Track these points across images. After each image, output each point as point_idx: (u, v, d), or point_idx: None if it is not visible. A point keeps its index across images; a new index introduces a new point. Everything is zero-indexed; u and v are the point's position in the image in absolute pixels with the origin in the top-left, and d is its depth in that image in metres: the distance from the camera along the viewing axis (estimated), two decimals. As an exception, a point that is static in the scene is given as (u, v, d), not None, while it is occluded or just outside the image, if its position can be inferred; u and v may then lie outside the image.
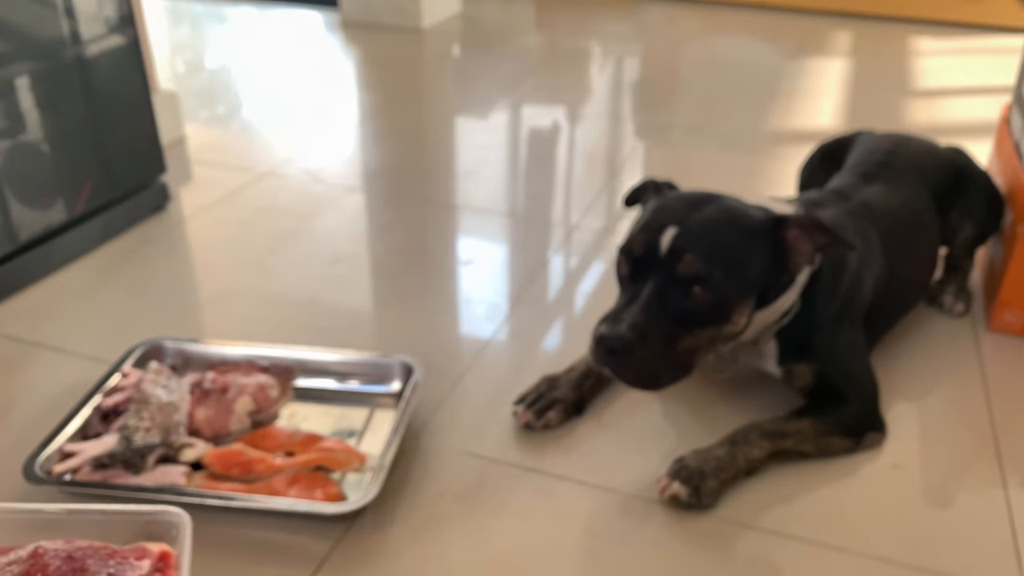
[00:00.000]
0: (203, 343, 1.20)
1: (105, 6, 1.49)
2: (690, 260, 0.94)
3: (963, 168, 1.39)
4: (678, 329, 0.96)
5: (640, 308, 0.95)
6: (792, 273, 1.02)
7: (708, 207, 1.00)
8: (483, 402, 1.17)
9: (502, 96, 2.49)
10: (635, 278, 0.98)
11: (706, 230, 0.97)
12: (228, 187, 1.82)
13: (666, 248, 0.96)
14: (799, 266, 1.01)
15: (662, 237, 0.97)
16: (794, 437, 1.04)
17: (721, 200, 1.02)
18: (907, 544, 0.94)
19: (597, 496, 1.01)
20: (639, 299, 0.96)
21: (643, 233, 0.99)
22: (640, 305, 0.95)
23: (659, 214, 1.00)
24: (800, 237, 0.99)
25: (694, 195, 1.03)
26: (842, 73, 2.78)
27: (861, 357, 1.13)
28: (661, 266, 0.96)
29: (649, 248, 0.97)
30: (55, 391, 1.16)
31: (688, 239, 0.96)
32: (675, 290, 0.96)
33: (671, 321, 0.96)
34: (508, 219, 1.73)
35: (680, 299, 0.96)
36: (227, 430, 1.07)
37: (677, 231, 0.96)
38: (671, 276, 0.95)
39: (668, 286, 0.96)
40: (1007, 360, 1.28)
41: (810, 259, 1.01)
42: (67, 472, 0.99)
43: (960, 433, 1.13)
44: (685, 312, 0.96)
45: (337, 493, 0.97)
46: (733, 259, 0.97)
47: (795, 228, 0.99)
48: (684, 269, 0.95)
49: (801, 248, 1.00)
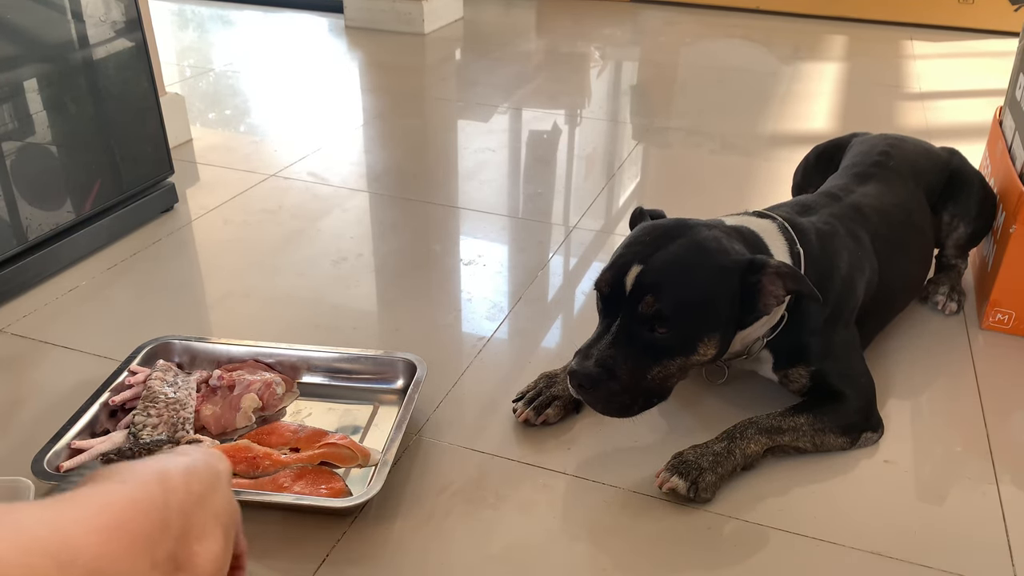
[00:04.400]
0: (209, 341, 1.22)
1: (113, 9, 1.51)
2: (650, 301, 0.97)
3: (957, 169, 1.41)
4: (645, 362, 0.99)
5: (608, 344, 0.99)
6: (760, 314, 1.02)
7: (676, 243, 1.00)
8: (484, 399, 1.19)
9: (503, 99, 2.51)
10: (607, 312, 1.02)
11: (669, 269, 0.99)
12: (234, 189, 1.85)
13: (629, 287, 0.99)
14: (768, 307, 1.01)
15: (627, 275, 0.99)
16: (791, 433, 1.06)
17: (693, 234, 1.01)
18: (901, 539, 0.96)
19: (596, 490, 1.03)
20: (608, 334, 0.99)
21: (610, 271, 1.01)
22: (608, 341, 0.99)
23: (628, 250, 1.02)
24: (772, 282, 0.99)
25: (666, 228, 1.04)
26: (836, 76, 2.81)
27: (856, 357, 1.14)
28: (626, 303, 0.99)
29: (615, 286, 1.00)
30: (63, 388, 1.18)
31: (651, 277, 0.98)
32: (640, 327, 0.98)
33: (637, 355, 0.99)
34: (509, 220, 1.75)
35: (644, 335, 0.98)
36: (233, 427, 1.09)
37: (641, 269, 0.99)
38: (635, 314, 0.98)
39: (633, 323, 0.99)
40: (999, 358, 1.30)
41: (780, 301, 1.01)
42: (76, 468, 1.01)
43: (953, 429, 1.15)
44: (650, 346, 0.99)
45: (342, 488, 0.99)
46: (694, 300, 0.98)
47: (769, 275, 0.99)
48: (645, 308, 0.97)
49: (773, 291, 1.00)
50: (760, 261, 1.00)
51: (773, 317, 1.06)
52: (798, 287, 1.00)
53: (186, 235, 1.65)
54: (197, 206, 1.76)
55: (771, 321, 1.06)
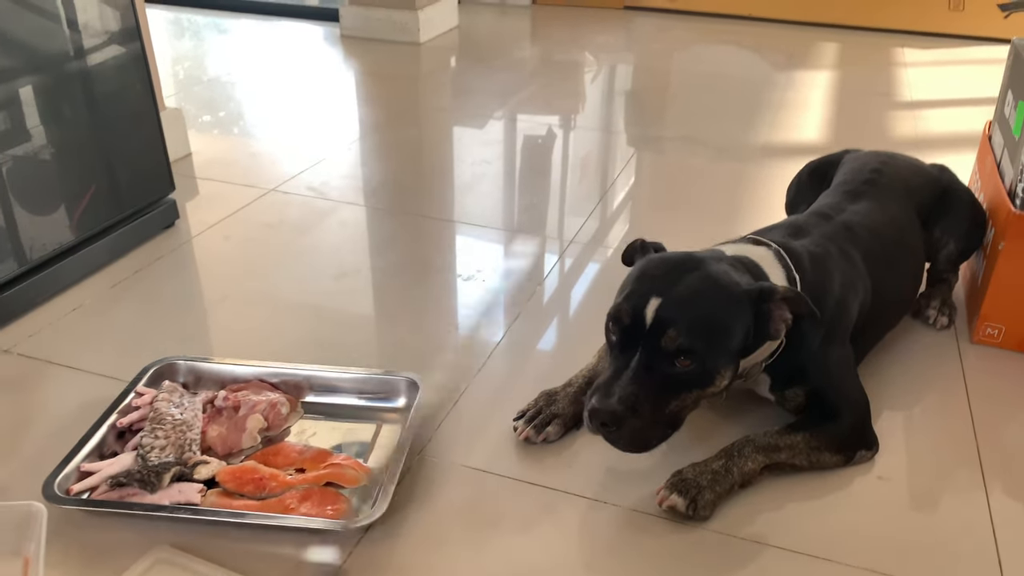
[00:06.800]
0: (214, 361, 1.24)
1: (111, 25, 1.52)
2: (673, 335, 0.97)
3: (947, 186, 1.43)
4: (665, 395, 0.99)
5: (629, 380, 0.98)
6: (771, 338, 1.04)
7: (691, 276, 1.02)
8: (485, 417, 1.21)
9: (498, 107, 2.53)
10: (623, 346, 1.01)
11: (689, 302, 0.99)
12: (235, 204, 1.86)
13: (650, 320, 0.98)
14: (778, 332, 1.03)
15: (647, 308, 0.99)
16: (787, 451, 1.08)
17: (705, 267, 1.03)
18: (894, 555, 0.99)
19: (596, 509, 1.05)
20: (628, 370, 0.98)
21: (628, 302, 1.01)
22: (629, 376, 0.98)
23: (643, 283, 1.02)
24: (779, 307, 1.02)
25: (677, 261, 1.05)
26: (829, 84, 2.84)
27: (851, 376, 1.17)
28: (646, 337, 0.99)
29: (635, 318, 1.00)
30: (70, 409, 1.20)
31: (671, 311, 0.98)
32: (660, 361, 0.98)
33: (658, 389, 0.99)
34: (506, 233, 1.77)
35: (665, 369, 0.98)
36: (239, 447, 1.11)
37: (660, 302, 0.99)
38: (656, 347, 0.98)
39: (654, 357, 0.98)
40: (989, 371, 1.33)
41: (788, 325, 1.04)
42: (85, 491, 1.02)
43: (944, 443, 1.17)
44: (671, 380, 0.99)
45: (347, 508, 1.01)
46: (715, 331, 1.00)
47: (776, 301, 1.01)
48: (668, 343, 0.97)
49: (781, 316, 1.02)
50: (769, 288, 1.02)
51: (775, 342, 1.07)
52: (801, 310, 1.02)
53: (188, 252, 1.66)
54: (198, 222, 1.77)
55: (772, 346, 1.08)
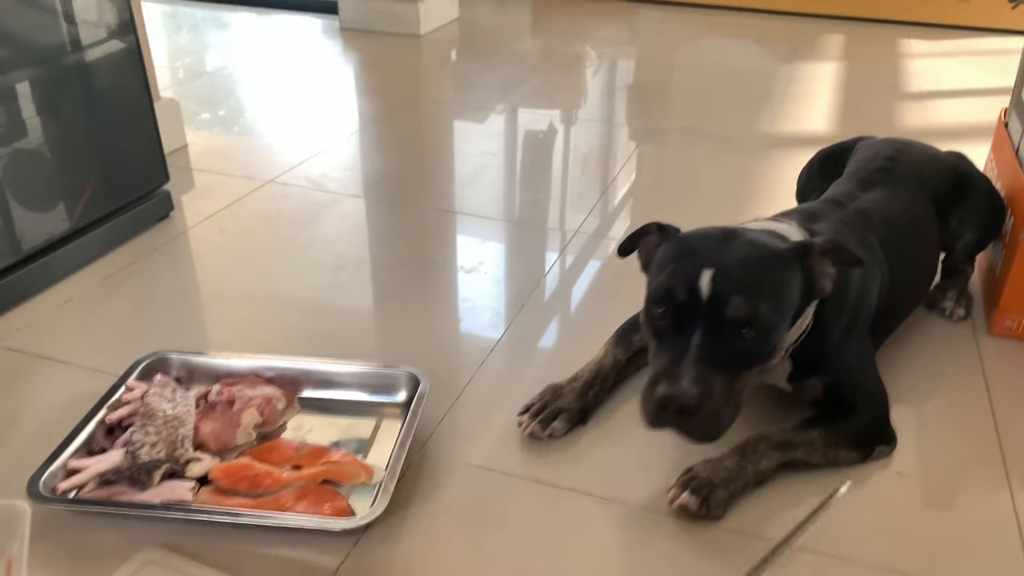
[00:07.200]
0: (208, 355, 1.20)
1: (105, 16, 1.48)
2: (739, 302, 0.91)
3: (964, 174, 1.39)
4: (732, 372, 0.93)
5: (695, 359, 0.90)
6: (819, 296, 1.00)
7: (734, 245, 0.96)
8: (488, 412, 1.17)
9: (499, 101, 2.49)
10: (678, 327, 0.93)
11: (745, 269, 0.93)
12: (231, 195, 1.82)
13: (707, 292, 0.92)
14: (825, 289, 0.98)
15: (700, 281, 0.92)
16: (803, 448, 1.04)
17: (744, 235, 0.98)
18: (915, 553, 0.95)
19: (604, 507, 1.01)
20: (690, 350, 0.91)
21: (678, 278, 0.94)
22: (694, 356, 0.90)
23: (686, 258, 0.95)
24: (820, 262, 0.97)
25: (715, 233, 0.99)
26: (834, 76, 2.80)
27: (871, 369, 1.13)
28: (704, 311, 0.92)
29: (690, 294, 0.92)
30: (59, 404, 1.16)
31: (730, 279, 0.92)
32: (725, 334, 0.92)
33: (725, 366, 0.92)
34: (508, 225, 1.73)
35: (731, 343, 0.92)
36: (234, 443, 1.07)
37: (714, 272, 0.92)
38: (718, 320, 0.91)
39: (718, 331, 0.91)
40: (1009, 364, 1.29)
41: (834, 281, 0.99)
42: (72, 489, 0.99)
43: (964, 438, 1.13)
44: (737, 355, 0.93)
45: (345, 507, 0.97)
46: (776, 294, 0.94)
47: (819, 256, 0.97)
48: (733, 312, 0.91)
49: (826, 271, 0.98)
50: (808, 243, 0.98)
51: (803, 323, 1.02)
52: (843, 258, 0.98)
53: (183, 244, 1.62)
54: (193, 213, 1.73)
55: (801, 326, 1.03)
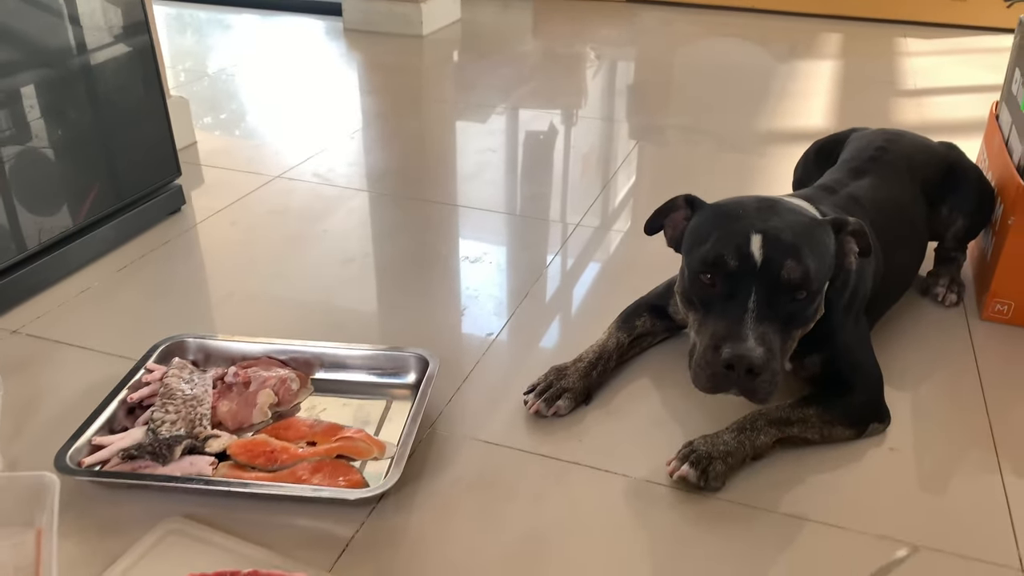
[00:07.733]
0: (224, 339, 1.24)
1: (120, 15, 1.53)
2: (793, 265, 0.95)
3: (955, 162, 1.43)
4: (784, 334, 0.98)
5: (755, 321, 0.94)
6: (844, 269, 1.05)
7: (776, 211, 1.01)
8: (494, 393, 1.21)
9: (501, 100, 2.53)
10: (731, 292, 0.97)
11: (792, 233, 0.97)
12: (240, 191, 1.86)
13: (760, 256, 0.95)
14: (851, 266, 1.05)
15: (751, 246, 0.96)
16: (800, 425, 1.08)
17: (781, 203, 1.04)
18: (906, 523, 0.99)
19: (607, 480, 1.05)
20: (748, 311, 0.94)
21: (727, 244, 0.97)
22: (754, 318, 0.94)
23: (731, 225, 0.99)
24: (851, 241, 1.04)
25: (753, 201, 1.04)
26: (832, 74, 2.84)
27: (867, 348, 1.17)
28: (758, 274, 0.96)
29: (742, 259, 0.96)
30: (79, 387, 1.20)
31: (780, 244, 0.96)
32: (779, 296, 0.96)
33: (779, 327, 0.97)
34: (510, 218, 1.77)
35: (784, 304, 0.96)
36: (250, 422, 1.11)
37: (763, 237, 0.96)
38: (772, 284, 0.95)
39: (773, 293, 0.95)
40: (999, 348, 1.33)
41: (855, 258, 1.05)
42: (96, 464, 1.02)
43: (956, 418, 1.17)
44: (789, 317, 0.97)
45: (359, 480, 1.01)
46: (821, 259, 0.99)
47: (847, 233, 1.04)
48: (789, 273, 0.95)
49: (853, 248, 1.04)
50: (842, 219, 1.03)
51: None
52: (862, 244, 1.04)
53: (194, 236, 1.66)
54: (203, 208, 1.77)
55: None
